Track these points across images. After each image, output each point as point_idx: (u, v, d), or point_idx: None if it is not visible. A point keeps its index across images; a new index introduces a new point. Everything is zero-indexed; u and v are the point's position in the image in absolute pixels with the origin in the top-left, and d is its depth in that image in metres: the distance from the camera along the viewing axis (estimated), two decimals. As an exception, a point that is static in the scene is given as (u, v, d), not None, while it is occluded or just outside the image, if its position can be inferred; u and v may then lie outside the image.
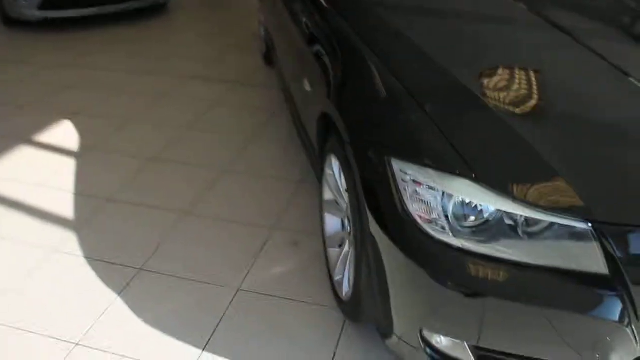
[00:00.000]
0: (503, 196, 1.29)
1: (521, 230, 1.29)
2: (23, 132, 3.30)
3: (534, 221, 1.28)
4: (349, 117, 1.65)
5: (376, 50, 1.80)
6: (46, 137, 3.26)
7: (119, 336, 1.88)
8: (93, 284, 2.11)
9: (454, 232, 1.33)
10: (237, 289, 2.08)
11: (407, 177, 1.39)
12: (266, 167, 2.92)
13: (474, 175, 1.32)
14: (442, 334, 1.42)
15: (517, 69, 1.75)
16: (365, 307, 1.68)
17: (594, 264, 1.24)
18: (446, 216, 1.34)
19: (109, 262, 2.22)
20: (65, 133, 3.31)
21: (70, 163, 2.97)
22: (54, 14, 5.16)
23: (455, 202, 1.33)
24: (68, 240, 2.35)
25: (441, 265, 1.34)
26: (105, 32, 5.24)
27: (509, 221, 1.30)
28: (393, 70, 1.67)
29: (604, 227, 1.22)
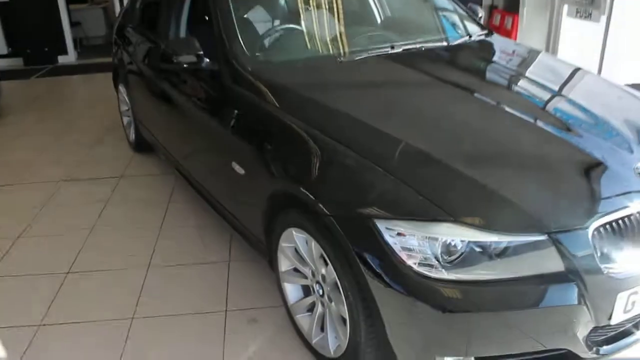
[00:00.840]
0: (479, 230, 1.60)
1: (492, 253, 1.61)
2: None
3: (502, 243, 1.60)
4: (322, 192, 1.84)
5: (321, 127, 2.03)
6: None
7: None
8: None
9: (445, 268, 1.60)
10: (221, 379, 2.10)
11: (394, 232, 1.64)
12: (187, 256, 2.93)
13: (452, 218, 1.61)
14: (451, 356, 1.66)
15: (444, 122, 2.11)
16: (363, 356, 1.85)
17: (553, 265, 1.60)
18: (435, 257, 1.61)
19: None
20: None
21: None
22: None
23: (440, 243, 1.61)
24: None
25: (441, 297, 1.59)
26: None
27: (479, 249, 1.62)
28: (344, 142, 1.92)
29: (556, 234, 1.59)
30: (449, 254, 1.61)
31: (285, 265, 2.23)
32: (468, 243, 1.61)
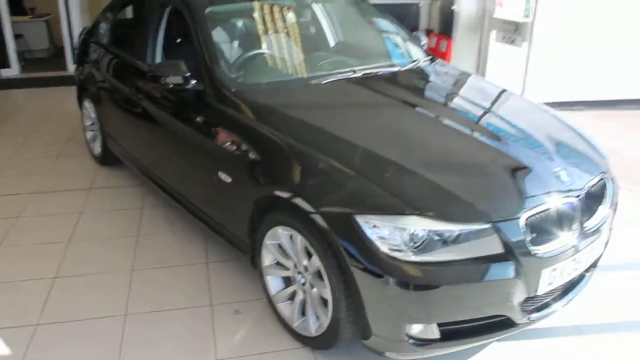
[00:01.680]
0: (437, 221, 2.01)
1: (448, 240, 2.03)
2: None
3: (455, 232, 2.02)
4: (310, 195, 2.20)
5: (304, 141, 2.39)
6: None
7: None
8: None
9: (412, 252, 2.00)
10: (216, 361, 2.40)
11: (370, 225, 2.02)
12: (167, 259, 3.19)
13: (416, 212, 2.02)
14: (417, 323, 2.06)
15: (404, 135, 2.51)
16: (343, 330, 2.21)
17: (495, 248, 2.03)
18: (404, 243, 2.00)
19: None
20: None
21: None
22: None
23: (407, 233, 2.01)
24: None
25: (409, 275, 1.98)
26: None
27: (437, 236, 2.03)
28: (326, 153, 2.29)
29: (497, 223, 2.03)
30: (414, 241, 2.01)
31: (268, 260, 2.56)
32: (429, 232, 2.02)
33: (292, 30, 3.34)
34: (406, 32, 3.81)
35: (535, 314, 2.21)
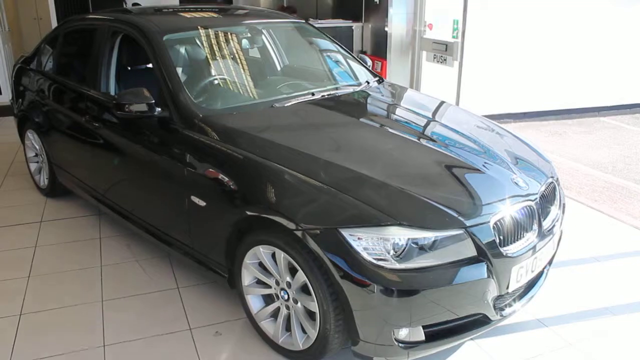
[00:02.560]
0: (415, 230, 2.16)
1: (426, 246, 2.18)
2: None
3: (432, 238, 2.19)
4: (293, 213, 2.29)
5: (281, 162, 2.48)
6: None
7: None
8: None
9: (395, 260, 2.14)
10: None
11: (355, 237, 2.15)
12: (136, 287, 3.15)
13: (396, 222, 2.16)
14: (403, 327, 2.19)
15: (372, 152, 2.65)
16: (332, 340, 2.31)
17: (469, 251, 2.21)
18: (387, 252, 2.14)
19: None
20: None
21: None
22: None
23: (390, 243, 2.15)
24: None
25: (394, 282, 2.12)
26: None
27: (416, 244, 2.18)
28: (304, 173, 2.40)
29: (469, 228, 2.22)
30: (396, 250, 2.15)
31: (248, 279, 2.62)
32: (408, 240, 2.17)
33: (250, 55, 3.44)
34: (352, 55, 4.02)
35: (506, 310, 2.41)
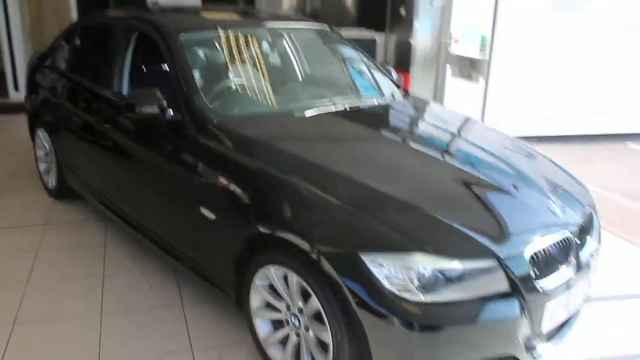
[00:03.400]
0: (442, 259, 1.96)
1: (453, 278, 1.98)
2: None
3: (461, 269, 1.98)
4: (310, 233, 2.09)
5: (300, 176, 2.30)
6: None
7: None
8: None
9: (420, 292, 1.93)
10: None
11: (376, 264, 1.94)
12: (139, 302, 2.97)
13: (421, 250, 1.96)
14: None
15: (400, 171, 2.46)
16: None
17: (501, 285, 2.00)
18: (411, 282, 1.93)
19: None
20: None
21: None
22: None
23: (414, 272, 1.94)
24: None
25: (418, 315, 1.92)
26: None
27: (443, 275, 1.98)
28: (323, 189, 2.21)
29: (503, 260, 2.00)
30: (420, 280, 1.95)
31: (257, 301, 2.43)
32: (434, 270, 1.96)
33: (270, 60, 3.27)
34: (377, 66, 3.83)
35: (538, 352, 2.18)
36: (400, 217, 2.11)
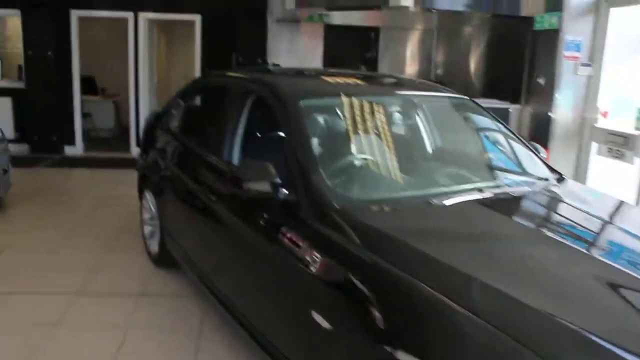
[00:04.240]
0: None
1: None
2: None
3: None
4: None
5: (438, 285, 1.74)
6: None
7: None
8: None
9: None
10: None
11: None
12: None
13: None
14: None
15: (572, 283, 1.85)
16: None
17: None
18: None
19: None
20: None
21: None
22: None
23: None
24: None
25: None
26: None
27: None
28: (482, 315, 1.62)
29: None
30: None
31: None
32: None
33: (400, 134, 2.78)
34: (525, 143, 3.21)
35: None
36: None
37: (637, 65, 5.57)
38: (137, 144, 8.41)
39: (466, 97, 3.36)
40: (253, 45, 7.86)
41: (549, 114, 5.89)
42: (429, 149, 3.11)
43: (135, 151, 8.32)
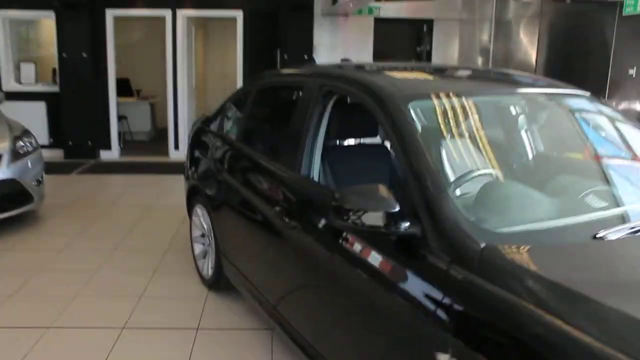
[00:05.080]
0: None
1: None
2: None
3: None
4: None
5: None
6: None
7: None
8: None
9: None
10: None
11: None
12: None
13: None
14: None
15: None
16: None
17: None
18: None
19: None
20: None
21: None
22: None
23: None
24: None
25: None
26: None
27: None
28: None
29: None
30: None
31: None
32: None
33: (531, 142, 2.18)
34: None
35: None
36: None
37: None
38: (176, 147, 8.00)
39: (588, 94, 2.73)
40: (297, 41, 7.35)
41: (642, 111, 5.22)
42: (564, 160, 2.49)
43: (174, 155, 7.90)
